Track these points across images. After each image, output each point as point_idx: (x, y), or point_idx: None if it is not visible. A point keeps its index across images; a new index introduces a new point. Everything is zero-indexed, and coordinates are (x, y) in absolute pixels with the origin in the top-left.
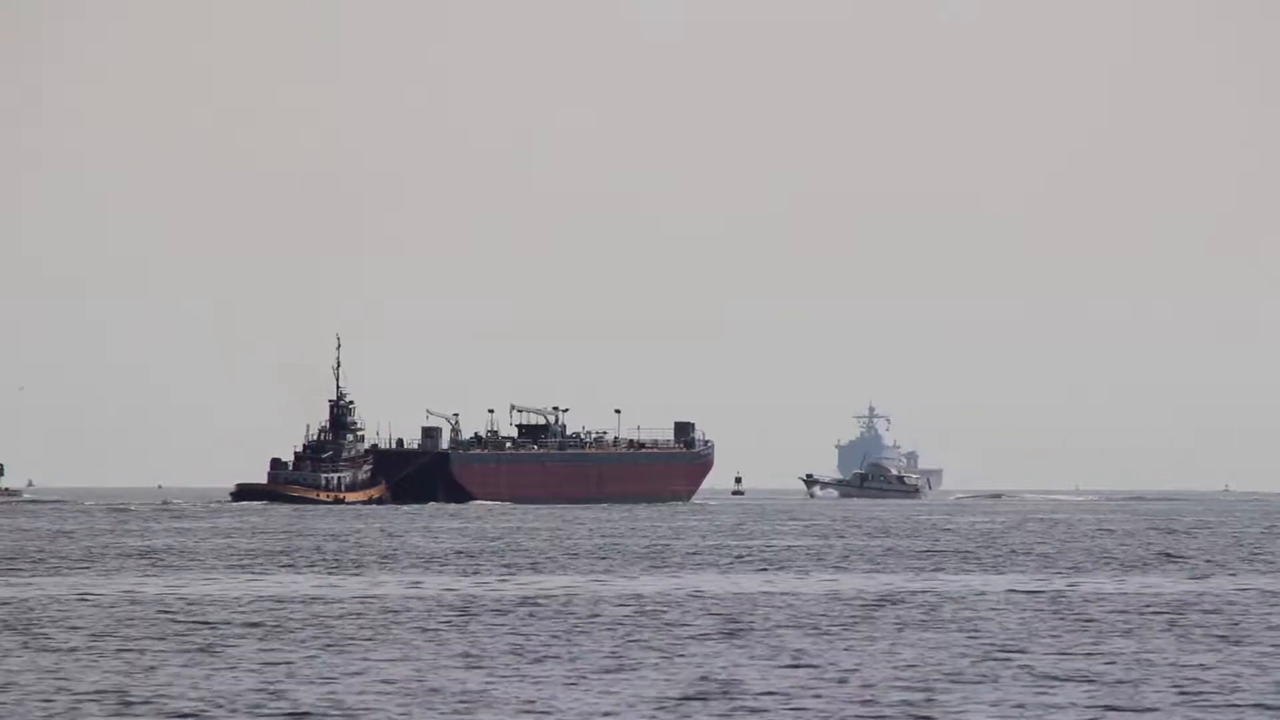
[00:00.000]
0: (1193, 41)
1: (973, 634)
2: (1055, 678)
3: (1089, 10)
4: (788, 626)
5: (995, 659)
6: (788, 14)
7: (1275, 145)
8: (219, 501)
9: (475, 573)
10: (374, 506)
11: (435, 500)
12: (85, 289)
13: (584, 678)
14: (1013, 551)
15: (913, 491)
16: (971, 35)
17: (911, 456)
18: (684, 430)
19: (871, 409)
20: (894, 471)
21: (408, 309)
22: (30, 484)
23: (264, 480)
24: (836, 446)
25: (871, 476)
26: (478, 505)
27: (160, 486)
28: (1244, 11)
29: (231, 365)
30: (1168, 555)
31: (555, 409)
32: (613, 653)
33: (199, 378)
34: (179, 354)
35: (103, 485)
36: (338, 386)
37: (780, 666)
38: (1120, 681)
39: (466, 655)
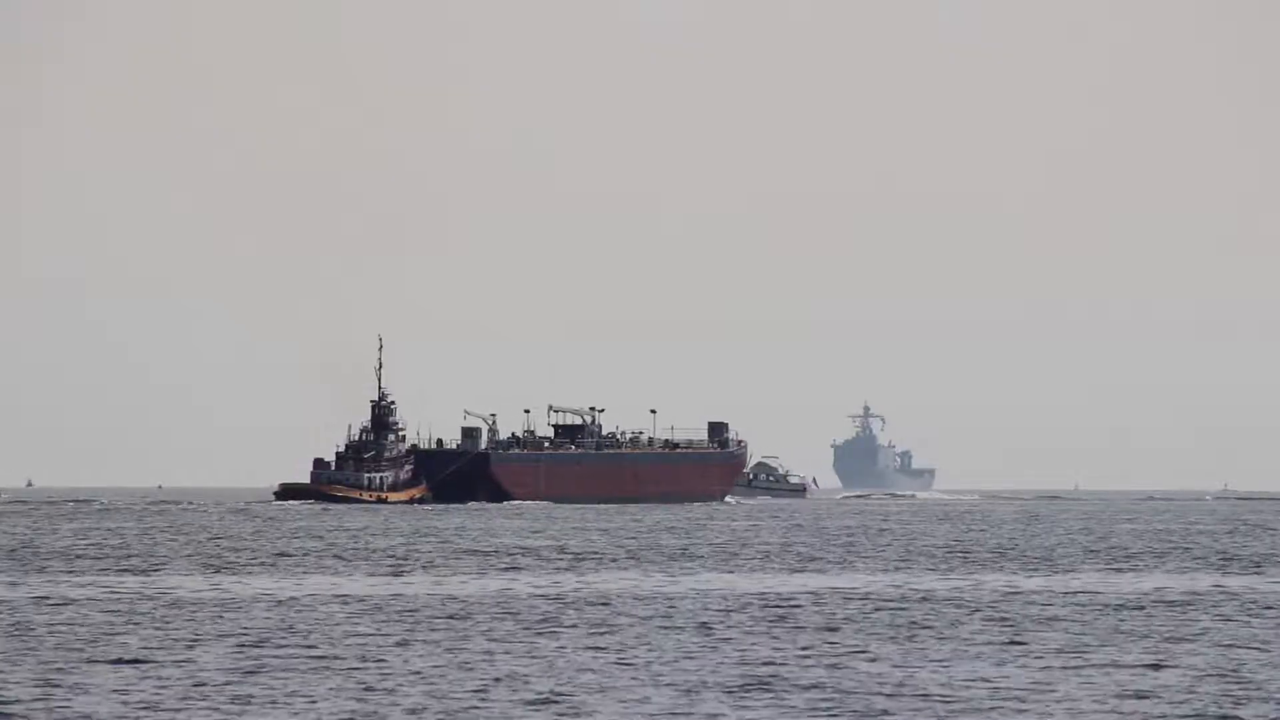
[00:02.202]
0: (1193, 41)
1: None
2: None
3: (1089, 11)
4: None
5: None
6: (788, 15)
7: (1275, 145)
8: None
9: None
10: (418, 505)
11: (475, 500)
12: (86, 289)
13: None
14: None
15: (799, 491)
16: (971, 36)
17: (906, 456)
18: (718, 430)
19: (867, 408)
20: (781, 471)
21: (421, 311)
22: (30, 484)
23: (302, 480)
24: (832, 446)
25: (757, 476)
26: (518, 505)
27: (160, 487)
28: (1244, 11)
29: (232, 366)
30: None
31: (591, 409)
32: None
33: (199, 378)
34: (179, 354)
35: (102, 485)
36: (379, 387)
37: None
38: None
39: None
